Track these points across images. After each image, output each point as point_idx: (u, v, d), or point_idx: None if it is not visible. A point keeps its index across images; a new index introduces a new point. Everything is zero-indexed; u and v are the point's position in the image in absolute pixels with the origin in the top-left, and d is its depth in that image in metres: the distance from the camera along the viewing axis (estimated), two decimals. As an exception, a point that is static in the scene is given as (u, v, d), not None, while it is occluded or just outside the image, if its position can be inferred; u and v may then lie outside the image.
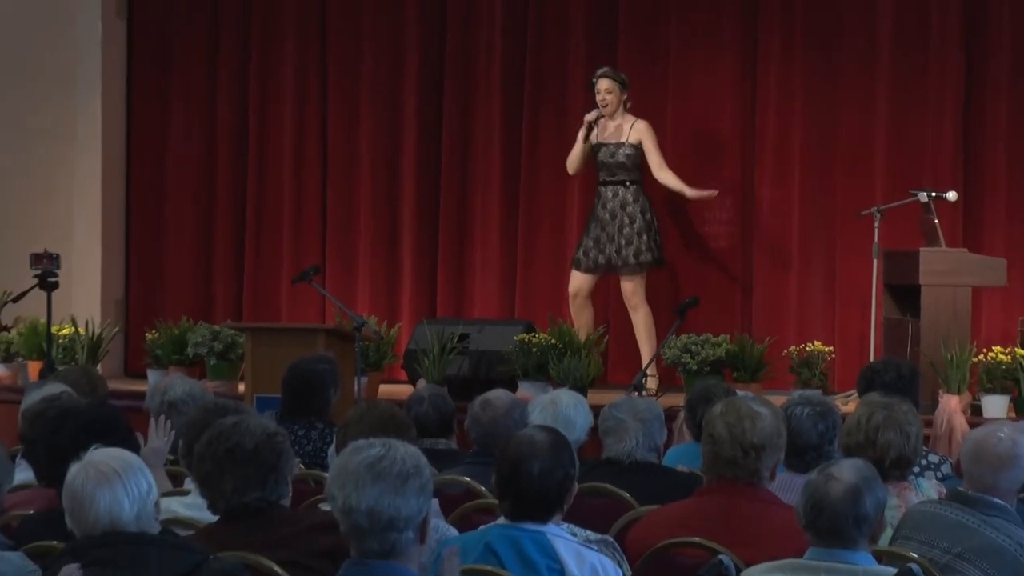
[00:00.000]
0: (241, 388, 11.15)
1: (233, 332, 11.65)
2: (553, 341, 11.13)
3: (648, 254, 11.79)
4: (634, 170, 11.85)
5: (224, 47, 13.79)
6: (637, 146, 11.82)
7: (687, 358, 10.93)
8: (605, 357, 11.76)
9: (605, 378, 11.81)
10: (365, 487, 4.04)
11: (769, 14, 12.49)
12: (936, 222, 10.68)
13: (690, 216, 12.67)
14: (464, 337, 11.43)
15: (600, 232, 11.87)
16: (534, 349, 11.11)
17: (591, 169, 12.07)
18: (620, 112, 11.92)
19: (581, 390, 10.06)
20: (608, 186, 11.91)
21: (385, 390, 11.48)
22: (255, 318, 13.25)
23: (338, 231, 13.50)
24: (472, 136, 13.15)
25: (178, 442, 6.36)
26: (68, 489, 4.53)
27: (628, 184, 11.86)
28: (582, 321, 11.84)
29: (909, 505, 5.55)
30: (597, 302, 12.15)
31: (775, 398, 6.04)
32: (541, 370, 11.05)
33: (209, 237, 13.85)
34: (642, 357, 11.69)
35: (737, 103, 12.58)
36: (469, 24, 13.19)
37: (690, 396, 7.41)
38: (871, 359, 10.36)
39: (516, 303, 12.86)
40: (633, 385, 10.06)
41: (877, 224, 10.99)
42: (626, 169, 11.85)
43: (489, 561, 4.79)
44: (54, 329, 11.39)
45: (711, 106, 12.64)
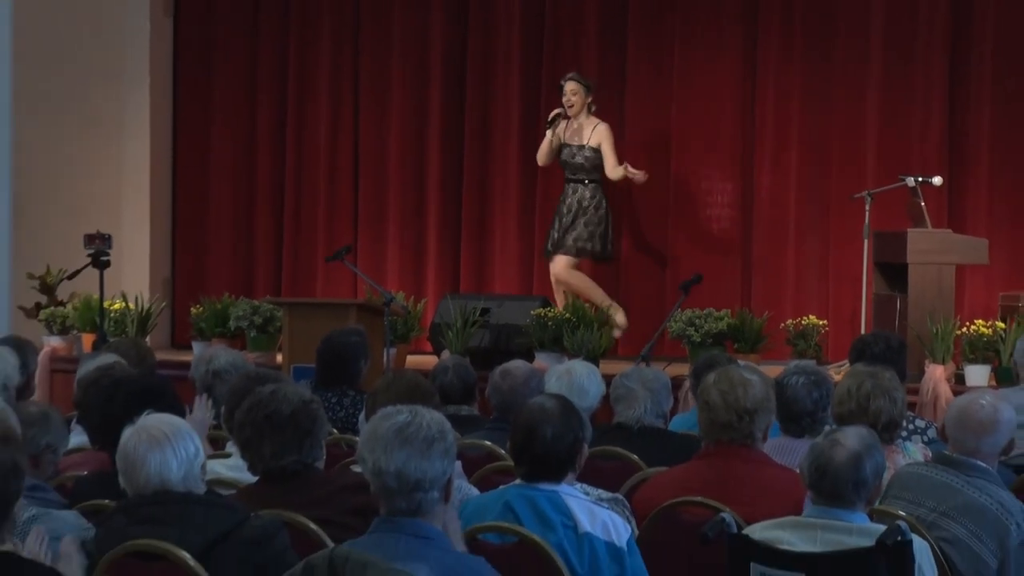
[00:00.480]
0: (279, 358, 11.16)
1: (272, 307, 11.65)
2: (567, 315, 11.12)
3: (588, 244, 11.85)
4: (592, 171, 11.92)
5: (264, 43, 13.77)
6: (596, 149, 11.89)
7: (691, 331, 10.92)
8: (615, 330, 11.78)
9: (616, 349, 11.82)
10: (393, 451, 4.04)
11: (768, 14, 12.48)
12: (922, 205, 10.66)
13: (695, 201, 12.66)
14: (485, 311, 11.43)
15: (559, 223, 11.95)
16: (550, 323, 11.10)
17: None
18: (584, 114, 11.98)
19: (593, 360, 10.05)
20: (569, 183, 12.01)
21: (412, 361, 11.48)
22: (292, 294, 13.26)
23: (369, 214, 13.50)
24: (492, 127, 13.14)
25: (221, 408, 6.38)
26: (122, 451, 4.54)
27: (587, 183, 11.94)
28: (559, 301, 11.86)
29: (897, 467, 5.54)
30: (600, 279, 12.16)
31: (772, 368, 6.04)
32: (556, 342, 11.04)
33: (250, 219, 13.85)
34: (593, 299, 11.74)
35: (738, 97, 12.56)
36: (489, 23, 13.17)
37: (696, 364, 7.42)
38: (862, 332, 10.34)
39: (533, 280, 12.85)
40: (641, 356, 10.04)
41: (868, 207, 10.96)
42: (584, 170, 11.93)
43: (508, 518, 4.80)
44: (106, 304, 11.40)
45: (714, 100, 12.61)
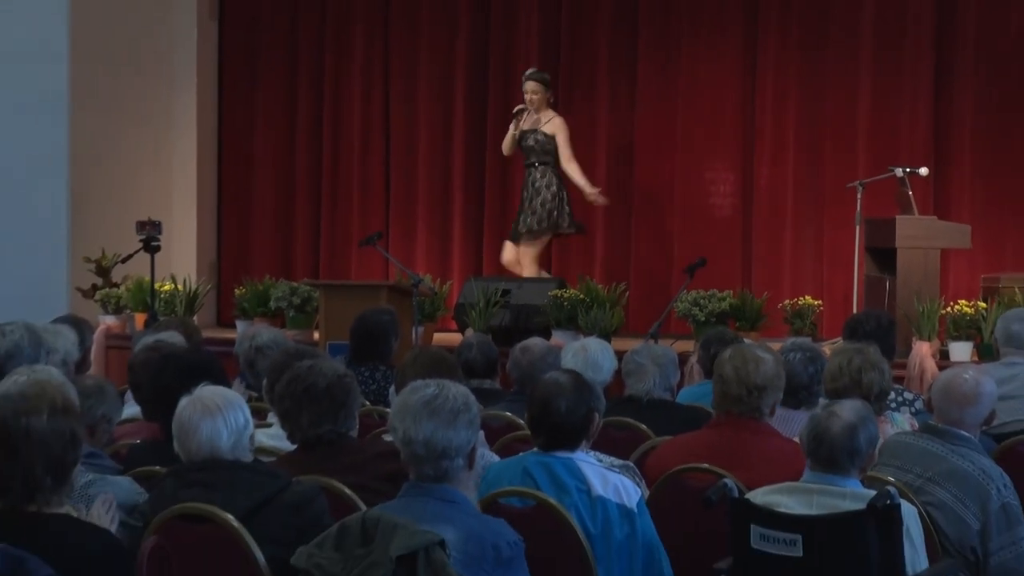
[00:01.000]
0: (316, 336, 11.16)
1: (309, 288, 11.66)
2: (582, 296, 11.11)
3: (537, 222, 11.85)
4: (543, 154, 11.93)
5: (302, 46, 13.80)
6: (550, 136, 11.89)
7: (696, 310, 10.90)
8: (626, 309, 11.74)
9: (627, 327, 11.80)
10: (422, 421, 4.05)
11: (768, 14, 12.46)
12: (910, 194, 10.62)
13: (699, 190, 12.64)
14: (506, 292, 11.42)
15: (519, 209, 12.04)
16: (565, 303, 11.10)
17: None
18: (544, 106, 11.99)
19: (606, 337, 10.04)
20: (527, 168, 12.05)
21: (438, 338, 11.47)
22: (328, 276, 13.27)
23: (399, 203, 13.52)
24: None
25: (263, 380, 6.39)
26: (177, 419, 4.54)
27: (538, 165, 11.95)
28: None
29: (886, 436, 5.53)
30: (612, 262, 12.15)
31: (771, 345, 6.01)
32: (571, 321, 11.03)
33: (289, 208, 13.88)
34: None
35: (739, 94, 12.55)
36: (510, 21, 13.17)
37: (705, 337, 7.39)
38: (854, 311, 10.32)
39: (551, 263, 12.84)
40: (650, 333, 10.03)
41: (859, 196, 10.91)
42: (536, 152, 11.96)
43: (526, 483, 4.79)
44: (157, 286, 11.41)
45: (716, 94, 12.61)
